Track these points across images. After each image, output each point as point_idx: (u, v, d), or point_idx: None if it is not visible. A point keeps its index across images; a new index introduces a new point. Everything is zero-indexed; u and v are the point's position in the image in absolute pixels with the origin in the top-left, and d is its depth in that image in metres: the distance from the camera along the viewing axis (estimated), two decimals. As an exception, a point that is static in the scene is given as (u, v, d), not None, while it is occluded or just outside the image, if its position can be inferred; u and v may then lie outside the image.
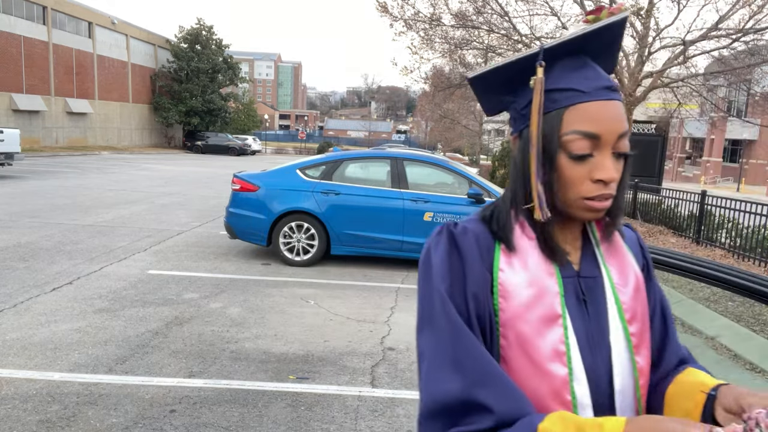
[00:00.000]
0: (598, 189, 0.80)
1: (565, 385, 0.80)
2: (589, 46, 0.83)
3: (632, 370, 0.85)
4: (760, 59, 10.07)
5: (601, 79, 0.82)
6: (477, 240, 0.85)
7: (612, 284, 0.87)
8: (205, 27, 44.05)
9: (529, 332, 0.81)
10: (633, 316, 0.87)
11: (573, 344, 0.81)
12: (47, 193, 12.49)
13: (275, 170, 7.36)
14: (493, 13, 10.89)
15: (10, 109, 28.52)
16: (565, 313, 0.82)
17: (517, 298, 0.82)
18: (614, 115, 0.80)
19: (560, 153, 0.81)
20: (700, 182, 35.91)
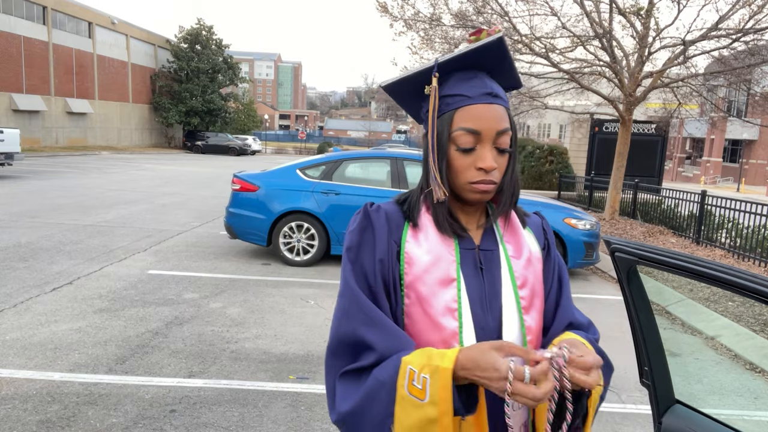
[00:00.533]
0: (480, 175, 0.99)
1: (455, 336, 0.98)
2: (481, 62, 1.03)
3: (520, 327, 1.03)
4: (760, 59, 10.05)
5: (485, 87, 1.01)
6: (387, 217, 1.07)
7: (507, 256, 1.07)
8: (205, 27, 44.03)
9: (427, 292, 1.00)
10: (523, 283, 1.05)
11: (464, 303, 1.00)
12: (47, 193, 12.49)
13: (275, 170, 7.36)
14: (493, 13, 10.88)
15: (10, 109, 28.52)
16: (459, 277, 1.01)
17: (418, 264, 1.02)
18: (493, 115, 0.99)
19: (451, 146, 1.01)
20: (700, 182, 35.92)
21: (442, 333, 0.98)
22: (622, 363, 4.34)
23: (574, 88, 12.57)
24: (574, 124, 18.12)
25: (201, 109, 43.04)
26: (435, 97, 1.00)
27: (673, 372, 1.48)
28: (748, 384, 4.16)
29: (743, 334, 4.90)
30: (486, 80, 1.02)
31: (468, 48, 0.99)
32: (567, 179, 16.26)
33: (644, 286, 1.42)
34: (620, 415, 3.47)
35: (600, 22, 10.56)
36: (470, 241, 1.07)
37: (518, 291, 1.04)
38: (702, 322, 5.33)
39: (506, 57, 1.03)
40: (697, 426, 1.40)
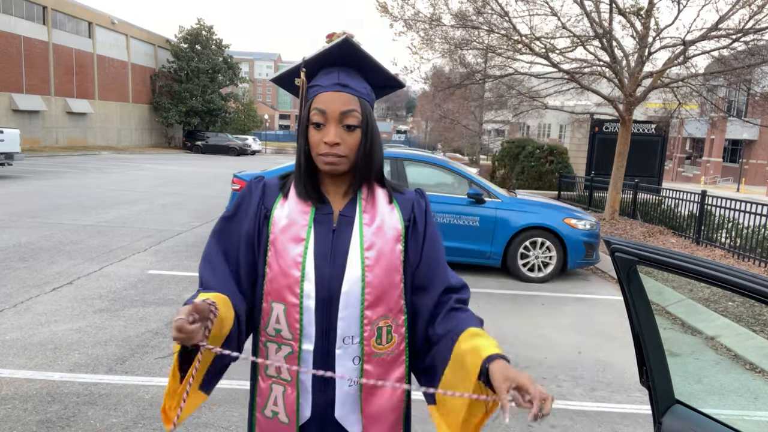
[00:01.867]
0: (326, 149, 1.20)
1: (297, 283, 1.22)
2: (343, 60, 1.25)
3: (361, 280, 1.22)
4: (760, 59, 10.05)
5: (336, 78, 1.23)
6: (264, 188, 1.32)
7: (360, 223, 1.26)
8: (205, 27, 44.01)
9: (281, 248, 1.24)
10: (370, 246, 1.25)
11: (309, 257, 1.23)
12: (47, 193, 12.48)
13: (275, 170, 7.36)
14: (493, 13, 10.87)
15: (10, 109, 28.51)
16: (309, 237, 1.24)
17: (278, 225, 1.26)
18: (340, 100, 1.21)
19: (309, 125, 1.23)
20: (700, 182, 35.91)
21: (289, 279, 1.22)
22: (622, 363, 4.34)
23: (574, 88, 12.57)
24: (574, 124, 18.12)
25: (201, 109, 43.02)
26: (303, 88, 1.25)
27: (673, 372, 1.48)
28: (748, 384, 4.16)
29: (743, 334, 4.90)
30: (341, 74, 1.24)
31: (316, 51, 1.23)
32: (567, 179, 16.25)
33: (644, 286, 1.42)
34: (620, 415, 3.48)
35: (600, 22, 10.56)
36: (329, 206, 1.28)
37: (364, 252, 1.23)
38: (702, 322, 5.33)
39: (362, 55, 1.25)
40: (697, 426, 1.40)
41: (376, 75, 1.29)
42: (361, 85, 1.25)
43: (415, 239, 1.31)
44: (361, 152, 1.23)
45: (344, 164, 1.22)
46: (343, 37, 1.20)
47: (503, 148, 19.30)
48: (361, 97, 1.24)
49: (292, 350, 1.24)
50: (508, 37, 10.97)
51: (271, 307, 1.24)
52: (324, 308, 1.22)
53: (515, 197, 7.35)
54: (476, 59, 14.64)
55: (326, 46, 1.22)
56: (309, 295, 1.21)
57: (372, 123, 1.26)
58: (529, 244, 6.94)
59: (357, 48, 1.23)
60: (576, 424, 3.31)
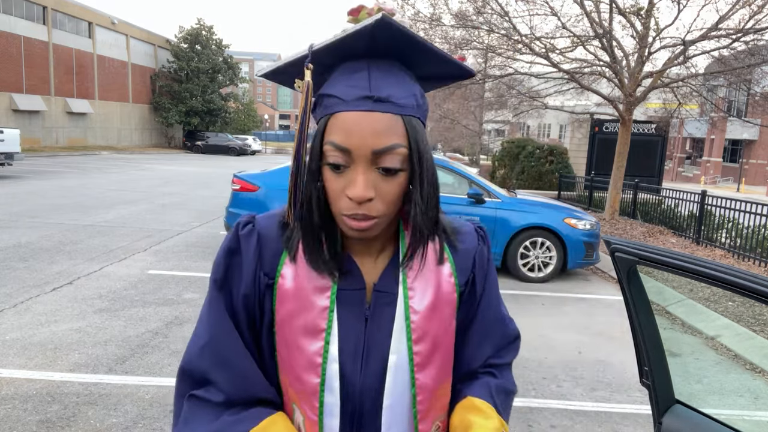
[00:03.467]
0: (352, 207, 0.77)
1: (315, 393, 0.85)
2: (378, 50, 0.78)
3: (411, 387, 0.87)
4: (760, 59, 10.05)
5: (366, 88, 0.76)
6: (261, 243, 0.88)
7: (406, 302, 0.87)
8: (205, 27, 44.02)
9: (291, 340, 0.86)
10: (421, 336, 0.87)
11: (332, 357, 0.84)
12: (47, 193, 12.48)
13: (275, 170, 7.36)
14: (493, 13, 10.88)
15: (10, 109, 28.51)
16: (330, 327, 0.85)
17: (286, 305, 0.86)
18: (370, 128, 0.75)
19: (323, 162, 0.79)
20: (700, 182, 35.93)
21: (304, 387, 0.85)
22: (622, 363, 4.34)
23: (574, 88, 12.58)
24: (574, 124, 18.13)
25: (201, 109, 43.02)
26: (308, 96, 0.77)
27: (673, 372, 1.48)
28: (748, 384, 4.16)
29: (743, 334, 4.90)
30: (374, 76, 0.77)
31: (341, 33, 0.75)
32: (567, 179, 16.26)
33: (644, 286, 1.42)
34: (620, 415, 3.48)
35: (600, 22, 10.56)
36: (360, 278, 0.88)
37: (413, 345, 0.86)
38: (702, 322, 5.33)
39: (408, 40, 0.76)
40: (697, 426, 1.40)
41: (426, 65, 0.82)
42: (406, 90, 0.79)
43: (470, 303, 0.96)
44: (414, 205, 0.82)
45: (380, 226, 0.81)
46: (379, 16, 0.72)
47: (503, 148, 19.30)
48: (406, 114, 0.78)
49: None
50: (508, 37, 10.98)
51: (292, 407, 0.89)
52: (354, 428, 0.87)
53: (515, 197, 7.34)
54: (476, 59, 14.63)
55: (350, 29, 0.75)
56: (332, 412, 0.85)
57: (425, 156, 0.80)
58: (529, 244, 6.94)
59: (402, 31, 0.75)
60: (576, 424, 3.31)
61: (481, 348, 0.97)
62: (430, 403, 0.89)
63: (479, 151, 34.25)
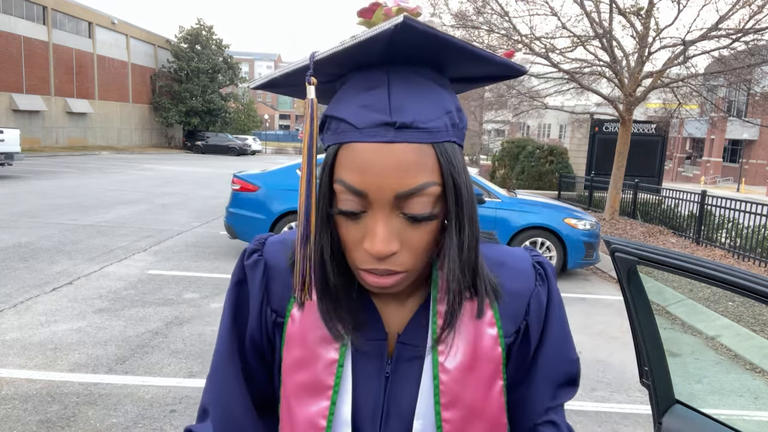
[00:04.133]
0: (371, 261, 0.62)
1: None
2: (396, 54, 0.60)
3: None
4: (760, 59, 10.05)
5: (384, 111, 0.59)
6: (268, 276, 0.75)
7: (435, 359, 0.70)
8: (205, 27, 44.02)
9: (293, 395, 0.72)
10: (452, 401, 0.70)
11: (343, 421, 0.70)
12: (47, 193, 12.48)
13: (275, 170, 7.36)
14: (493, 13, 10.88)
15: (10, 109, 28.51)
16: (338, 385, 0.70)
17: (291, 354, 0.72)
18: (390, 165, 0.58)
19: (334, 205, 0.63)
20: (700, 182, 35.93)
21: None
22: (622, 363, 4.34)
23: (574, 88, 12.57)
24: (574, 124, 18.13)
25: (201, 109, 43.03)
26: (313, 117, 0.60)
27: (673, 372, 1.48)
28: (748, 384, 4.17)
29: (743, 334, 4.90)
30: (396, 92, 0.60)
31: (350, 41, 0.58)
32: (567, 179, 16.26)
33: (644, 286, 1.42)
34: (620, 415, 3.47)
35: (600, 22, 10.56)
36: (381, 327, 0.72)
37: (441, 411, 0.70)
38: (702, 322, 5.33)
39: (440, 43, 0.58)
40: (697, 426, 1.40)
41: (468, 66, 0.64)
42: (437, 107, 0.61)
43: (522, 357, 0.78)
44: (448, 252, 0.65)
45: (408, 280, 0.66)
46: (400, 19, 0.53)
47: (503, 148, 19.31)
48: (438, 141, 0.61)
49: None
50: (508, 37, 10.98)
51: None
52: None
53: (515, 197, 7.34)
54: (476, 59, 14.61)
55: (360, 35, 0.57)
56: None
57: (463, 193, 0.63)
58: (530, 244, 6.94)
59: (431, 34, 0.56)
60: (576, 424, 3.31)
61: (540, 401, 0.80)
62: None
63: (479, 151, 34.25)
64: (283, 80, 0.65)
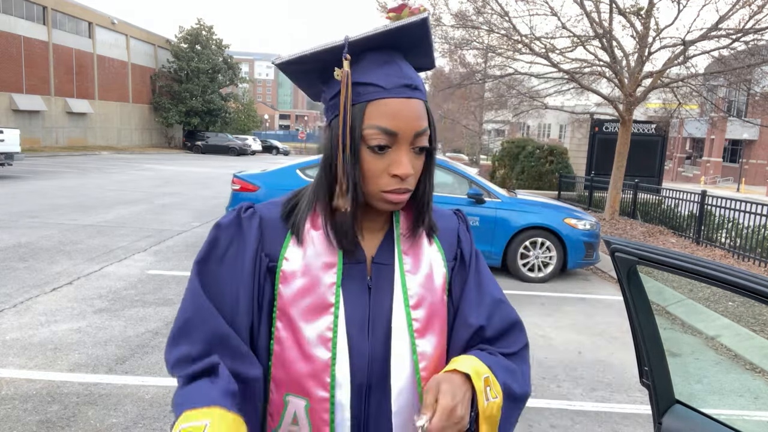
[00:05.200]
0: (395, 183, 0.85)
1: (326, 368, 0.86)
2: (398, 43, 0.86)
3: (412, 353, 0.89)
4: (760, 59, 10.05)
5: (404, 77, 0.85)
6: (263, 226, 0.92)
7: (402, 272, 0.92)
8: (205, 27, 44.04)
9: (299, 319, 0.88)
10: (418, 302, 0.91)
11: (341, 331, 0.87)
12: (47, 193, 12.48)
13: (275, 170, 7.36)
14: (493, 13, 10.88)
15: (10, 109, 28.52)
16: (338, 302, 0.88)
17: (292, 286, 0.89)
18: (412, 113, 0.84)
19: (362, 146, 0.84)
20: (700, 182, 35.93)
21: (314, 365, 0.86)
22: (622, 363, 4.34)
23: (574, 88, 12.58)
24: (574, 124, 18.13)
25: (201, 109, 43.05)
26: (347, 85, 0.82)
27: (673, 372, 1.48)
28: (748, 384, 4.17)
29: (743, 334, 4.90)
30: (404, 67, 0.87)
31: (388, 27, 0.83)
32: (567, 179, 16.26)
33: (644, 286, 1.42)
34: (620, 415, 3.48)
35: (600, 22, 10.56)
36: (361, 253, 0.92)
37: (411, 311, 0.90)
38: (702, 322, 5.33)
39: (427, 38, 0.88)
40: (697, 426, 1.40)
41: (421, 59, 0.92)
42: (421, 81, 0.90)
43: (462, 278, 1.00)
44: (424, 181, 0.92)
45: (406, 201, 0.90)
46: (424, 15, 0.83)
47: (503, 148, 19.30)
48: (425, 101, 0.89)
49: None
50: (508, 37, 10.98)
51: (284, 402, 0.89)
52: (363, 400, 0.90)
53: (515, 197, 7.34)
54: (476, 59, 14.65)
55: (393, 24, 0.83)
56: (342, 384, 0.87)
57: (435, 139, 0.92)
58: (529, 244, 6.94)
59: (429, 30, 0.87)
60: (576, 424, 3.31)
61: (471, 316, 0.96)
62: (432, 372, 0.91)
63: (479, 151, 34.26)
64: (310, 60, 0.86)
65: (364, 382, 0.89)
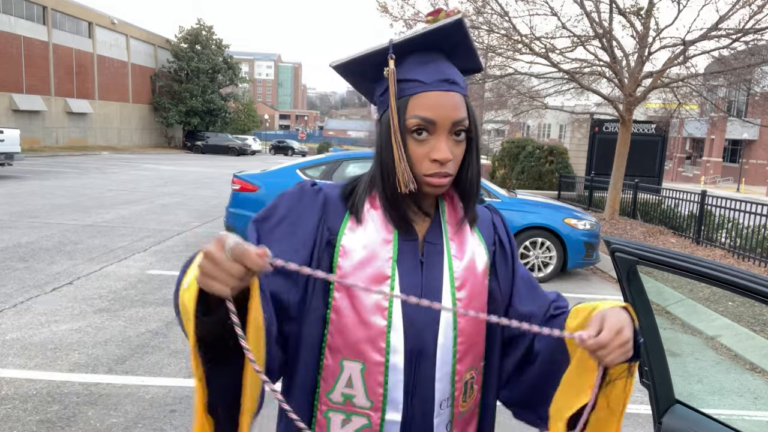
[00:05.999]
0: (435, 167, 0.93)
1: (382, 334, 0.95)
2: (438, 44, 0.96)
3: (453, 329, 0.99)
4: (760, 59, 10.05)
5: (442, 73, 0.95)
6: (326, 203, 1.02)
7: (449, 254, 1.02)
8: (205, 27, 44.03)
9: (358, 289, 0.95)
10: (462, 284, 1.01)
11: (397, 300, 0.96)
12: (47, 193, 12.48)
13: (275, 170, 7.36)
14: (493, 13, 10.88)
15: (10, 109, 28.51)
16: (394, 274, 0.97)
17: (351, 258, 0.97)
18: (450, 104, 0.93)
19: (407, 135, 0.94)
20: (700, 182, 35.91)
21: (370, 331, 0.95)
22: (622, 363, 4.34)
23: (574, 88, 12.58)
24: (574, 124, 18.13)
25: (201, 109, 43.05)
26: (393, 81, 0.93)
27: (673, 372, 1.48)
28: (748, 384, 4.17)
29: (743, 334, 4.90)
30: (443, 65, 0.96)
31: (425, 29, 0.93)
32: (567, 179, 16.26)
33: (644, 286, 1.42)
34: (620, 415, 3.47)
35: (600, 22, 10.56)
36: (414, 232, 1.02)
37: (456, 292, 1.00)
38: (702, 322, 5.33)
39: (466, 40, 0.97)
40: (697, 426, 1.40)
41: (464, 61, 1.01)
42: (461, 77, 0.99)
43: (505, 265, 1.10)
44: (466, 168, 1.01)
45: (450, 183, 0.98)
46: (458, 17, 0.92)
47: (503, 148, 19.30)
48: (465, 94, 0.98)
49: (370, 422, 0.96)
50: (508, 37, 10.98)
51: (340, 367, 0.96)
52: (413, 365, 0.97)
53: (515, 197, 7.34)
54: (476, 59, 14.62)
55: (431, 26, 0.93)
56: (397, 349, 0.95)
57: (478, 126, 1.01)
58: (529, 244, 6.94)
59: (466, 32, 0.96)
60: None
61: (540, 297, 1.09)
62: (467, 347, 1.01)
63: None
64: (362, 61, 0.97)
65: (416, 350, 0.97)
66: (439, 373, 0.97)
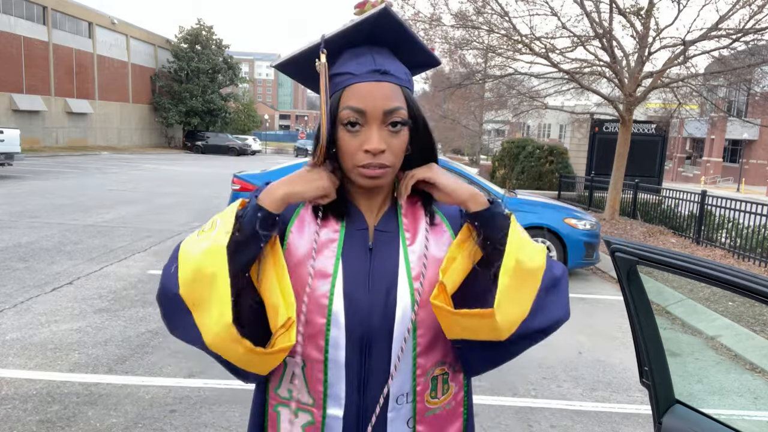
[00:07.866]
0: (368, 158, 0.92)
1: (321, 332, 0.94)
2: (372, 36, 0.95)
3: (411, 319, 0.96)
4: (760, 59, 10.05)
5: (373, 64, 0.94)
6: None
7: (403, 241, 1.00)
8: (205, 27, 44.01)
9: (298, 285, 0.94)
10: (419, 274, 0.98)
11: (338, 296, 0.94)
12: (47, 193, 12.48)
13: (275, 170, 7.35)
14: (493, 13, 10.88)
15: (10, 109, 28.51)
16: (336, 271, 0.96)
17: (294, 256, 0.97)
18: (381, 93, 0.92)
19: (339, 127, 0.93)
20: (700, 182, 35.91)
21: (311, 328, 0.94)
22: (622, 363, 4.34)
23: (574, 88, 12.58)
24: (574, 124, 18.13)
25: (201, 110, 43.04)
26: (324, 73, 0.91)
27: (673, 372, 1.48)
28: (748, 384, 4.17)
29: (743, 334, 4.90)
30: (376, 57, 0.94)
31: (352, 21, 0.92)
32: (567, 179, 16.26)
33: (644, 286, 1.42)
34: (620, 415, 3.48)
35: (600, 22, 10.56)
36: (362, 221, 1.01)
37: (412, 282, 0.97)
38: (702, 322, 5.33)
39: (402, 30, 0.95)
40: (697, 426, 1.40)
41: (411, 53, 1.00)
42: (400, 69, 0.97)
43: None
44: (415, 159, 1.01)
45: (389, 176, 0.96)
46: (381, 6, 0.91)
47: (503, 148, 19.30)
48: (403, 85, 0.96)
49: (313, 419, 0.97)
50: (508, 37, 10.98)
51: (284, 363, 0.97)
52: (360, 356, 0.96)
53: (515, 197, 7.34)
54: (476, 59, 14.63)
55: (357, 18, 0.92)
56: (338, 345, 0.95)
57: (419, 116, 0.98)
58: (529, 244, 6.93)
59: (397, 21, 0.94)
60: (576, 424, 3.31)
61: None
62: (430, 339, 0.99)
63: (479, 151, 34.25)
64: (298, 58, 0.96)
65: (365, 338, 0.96)
66: (394, 365, 0.95)
